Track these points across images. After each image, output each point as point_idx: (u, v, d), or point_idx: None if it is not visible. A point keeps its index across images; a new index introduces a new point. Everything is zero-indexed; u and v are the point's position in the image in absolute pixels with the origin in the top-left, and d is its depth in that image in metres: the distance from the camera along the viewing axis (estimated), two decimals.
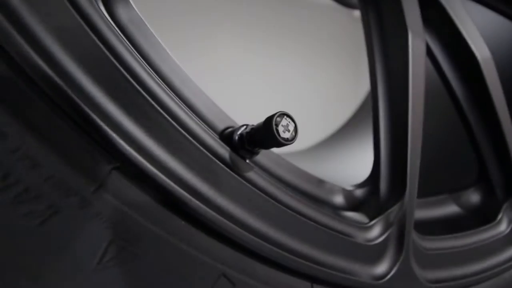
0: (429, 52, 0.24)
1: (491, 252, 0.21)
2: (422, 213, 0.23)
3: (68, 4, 0.10)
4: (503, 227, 0.22)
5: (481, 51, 0.22)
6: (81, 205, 0.08)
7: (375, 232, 0.16)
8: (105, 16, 0.11)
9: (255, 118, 0.14)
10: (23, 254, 0.07)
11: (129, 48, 0.11)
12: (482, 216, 0.22)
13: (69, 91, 0.09)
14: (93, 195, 0.08)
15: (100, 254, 0.08)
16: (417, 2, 0.21)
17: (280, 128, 0.11)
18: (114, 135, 0.09)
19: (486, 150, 0.23)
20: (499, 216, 0.22)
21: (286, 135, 0.11)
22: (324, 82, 0.65)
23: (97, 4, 0.11)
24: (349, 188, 0.18)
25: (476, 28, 0.23)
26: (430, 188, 0.27)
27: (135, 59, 0.11)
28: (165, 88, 0.11)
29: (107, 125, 0.09)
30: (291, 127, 0.11)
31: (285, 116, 0.11)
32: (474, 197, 0.24)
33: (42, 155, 0.08)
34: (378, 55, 0.20)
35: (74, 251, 0.08)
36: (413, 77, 0.18)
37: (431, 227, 0.22)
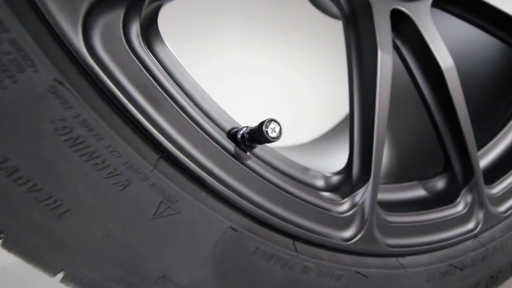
0: (404, 61, 0.29)
1: (447, 227, 0.26)
2: (395, 196, 0.28)
3: (126, 46, 0.15)
4: (460, 208, 0.26)
5: (445, 61, 0.26)
6: (143, 179, 0.13)
7: (345, 207, 0.21)
8: (149, 53, 0.16)
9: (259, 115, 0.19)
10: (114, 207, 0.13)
11: (164, 74, 0.16)
12: (445, 199, 0.27)
13: (132, 107, 0.14)
14: (150, 173, 0.14)
15: (155, 210, 0.13)
16: (389, 20, 0.25)
17: (269, 130, 0.16)
18: (160, 137, 0.14)
19: (450, 145, 0.27)
20: (458, 200, 0.27)
21: (273, 134, 0.16)
22: (322, 84, 0.69)
23: (144, 44, 0.15)
24: (328, 174, 0.23)
25: (442, 40, 0.27)
26: (405, 176, 0.31)
27: (169, 82, 0.16)
28: (189, 103, 0.16)
29: (156, 130, 0.14)
30: (277, 129, 0.16)
31: (272, 121, 0.16)
32: (439, 183, 0.28)
33: (124, 150, 0.13)
34: (355, 66, 0.25)
35: (140, 206, 0.13)
36: (380, 86, 0.22)
37: (402, 207, 0.27)
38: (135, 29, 0.14)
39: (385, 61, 0.23)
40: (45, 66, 0.12)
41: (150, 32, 0.16)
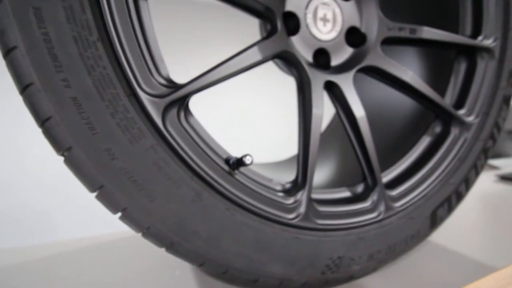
0: (337, 110, 0.45)
1: (359, 215, 0.41)
2: (330, 196, 0.43)
3: (178, 122, 0.30)
4: (368, 204, 0.42)
5: (358, 112, 0.42)
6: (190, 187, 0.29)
7: (292, 201, 0.36)
8: (187, 122, 0.31)
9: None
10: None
11: (194, 131, 0.31)
12: (360, 198, 0.42)
13: (178, 148, 0.29)
14: (191, 180, 0.29)
15: (193, 195, 0.28)
16: (322, 88, 0.41)
17: (246, 160, 0.31)
18: (205, 176, 0.29)
19: (363, 165, 0.43)
20: (368, 199, 0.42)
21: (248, 162, 0.31)
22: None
23: (184, 119, 0.31)
24: (284, 183, 0.38)
25: (358, 98, 0.43)
26: (338, 184, 0.47)
27: (196, 134, 0.31)
28: (205, 148, 0.31)
29: (196, 162, 0.29)
30: (250, 159, 0.32)
31: (248, 155, 0.32)
32: (358, 189, 0.44)
33: (151, 139, 0.28)
34: (300, 114, 0.40)
35: (182, 192, 0.28)
36: (313, 128, 0.38)
37: (333, 203, 0.42)
38: (182, 113, 0.30)
39: (317, 114, 0.39)
40: (148, 135, 0.27)
41: (187, 111, 0.31)
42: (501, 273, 0.47)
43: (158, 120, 0.27)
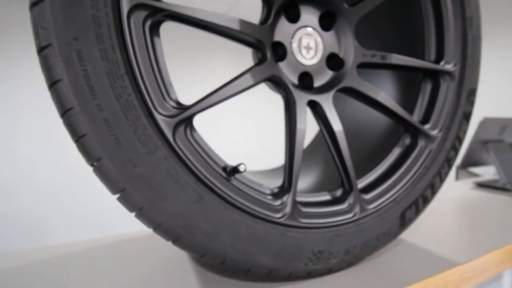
0: (319, 125, 0.52)
1: (337, 215, 0.48)
2: (312, 199, 0.50)
3: (184, 136, 0.36)
4: (345, 206, 0.48)
5: (336, 126, 0.49)
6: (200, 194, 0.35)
7: (279, 203, 0.43)
8: (192, 136, 0.37)
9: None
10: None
11: (198, 144, 0.38)
12: (338, 201, 0.49)
13: (184, 157, 0.35)
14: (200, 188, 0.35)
15: (197, 197, 0.35)
16: (305, 106, 0.48)
17: (241, 168, 0.38)
18: (206, 181, 0.36)
19: (341, 173, 0.50)
20: (345, 202, 0.49)
21: (242, 170, 0.38)
22: None
23: (190, 134, 0.37)
24: (272, 187, 0.45)
25: (336, 114, 0.50)
26: (321, 189, 0.54)
27: (200, 146, 0.38)
28: (207, 157, 0.38)
29: (202, 171, 0.36)
30: (244, 167, 0.38)
31: (242, 164, 0.38)
32: (337, 193, 0.51)
33: (164, 151, 0.35)
34: (287, 129, 0.47)
35: (188, 194, 0.35)
36: (297, 141, 0.45)
37: (316, 205, 0.49)
38: (189, 130, 0.36)
39: (301, 129, 0.46)
40: (162, 148, 0.33)
41: (192, 127, 0.38)
42: (465, 267, 0.54)
43: (169, 136, 0.34)
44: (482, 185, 1.18)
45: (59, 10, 0.28)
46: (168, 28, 0.68)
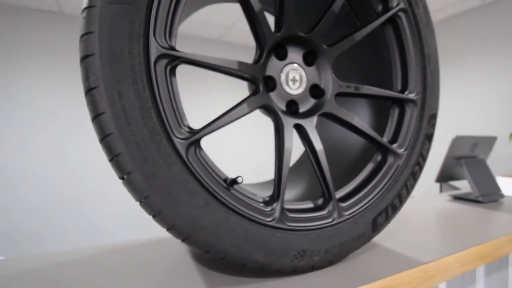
0: (304, 145, 0.62)
1: (318, 220, 0.57)
2: (297, 206, 0.59)
3: (195, 154, 0.46)
4: (325, 212, 0.58)
5: (317, 146, 0.59)
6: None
7: (269, 209, 0.52)
8: (201, 154, 0.47)
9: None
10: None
11: (204, 159, 0.47)
12: (319, 208, 0.59)
13: (191, 167, 0.45)
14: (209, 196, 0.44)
15: (204, 203, 0.44)
16: (292, 129, 0.58)
17: (239, 179, 0.47)
18: (211, 190, 0.45)
19: (322, 184, 0.60)
20: (325, 209, 0.58)
21: (240, 181, 0.47)
22: None
23: (198, 152, 0.46)
24: (264, 196, 0.54)
25: (317, 135, 0.60)
26: (305, 198, 0.63)
27: (205, 161, 0.47)
28: (211, 171, 0.47)
29: (208, 180, 0.45)
30: (241, 179, 0.47)
31: (240, 176, 0.47)
32: (319, 201, 0.60)
33: (179, 166, 0.44)
34: (276, 147, 0.57)
35: (196, 201, 0.44)
36: (285, 157, 0.55)
37: (300, 211, 0.58)
38: (197, 149, 0.46)
39: (288, 148, 0.56)
40: (178, 163, 0.42)
41: (199, 147, 0.47)
42: (429, 265, 0.64)
43: (183, 154, 0.43)
44: (457, 198, 1.28)
45: (106, 62, 0.38)
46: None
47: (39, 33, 3.24)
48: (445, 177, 1.25)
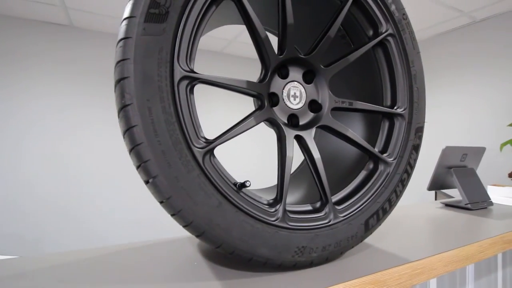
0: (303, 154, 0.69)
1: (316, 221, 0.64)
2: (298, 208, 0.66)
3: (209, 161, 0.53)
4: (322, 214, 0.65)
5: (315, 154, 0.67)
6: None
7: (273, 210, 0.59)
8: (215, 161, 0.54)
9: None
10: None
11: (218, 165, 0.54)
12: (317, 211, 0.66)
13: (208, 173, 0.52)
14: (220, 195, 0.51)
15: (217, 203, 0.50)
16: (293, 139, 0.66)
17: (247, 183, 0.54)
18: (223, 192, 0.52)
19: (320, 189, 0.67)
20: (322, 211, 0.65)
21: (248, 184, 0.54)
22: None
23: (212, 159, 0.54)
24: (269, 199, 0.61)
25: (315, 145, 0.68)
26: (305, 202, 0.70)
27: (217, 167, 0.54)
28: (223, 176, 0.54)
29: (219, 183, 0.52)
30: (249, 183, 0.54)
31: (247, 181, 0.54)
32: (317, 204, 0.67)
33: (197, 171, 0.51)
34: (279, 155, 0.65)
35: (211, 201, 0.51)
36: (287, 164, 0.62)
37: (300, 213, 0.65)
38: (212, 156, 0.53)
39: (289, 156, 0.63)
40: (196, 169, 0.49)
41: (213, 155, 0.54)
42: (415, 264, 0.71)
43: (200, 161, 0.51)
44: (448, 205, 1.36)
45: (139, 83, 0.45)
46: None
47: (45, 42, 3.34)
48: (436, 185, 1.32)
